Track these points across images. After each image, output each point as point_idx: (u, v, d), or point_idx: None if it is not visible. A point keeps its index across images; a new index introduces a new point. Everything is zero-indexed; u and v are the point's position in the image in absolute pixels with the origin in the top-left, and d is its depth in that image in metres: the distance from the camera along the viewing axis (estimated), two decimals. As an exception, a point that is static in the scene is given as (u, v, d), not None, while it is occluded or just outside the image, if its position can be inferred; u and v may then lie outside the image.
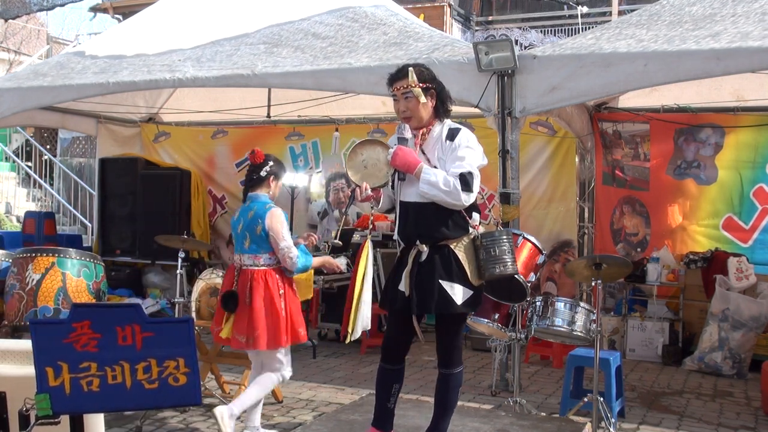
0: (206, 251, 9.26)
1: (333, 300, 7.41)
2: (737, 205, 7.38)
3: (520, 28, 14.42)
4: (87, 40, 11.61)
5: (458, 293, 3.56)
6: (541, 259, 4.30)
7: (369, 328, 3.67)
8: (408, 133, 3.65)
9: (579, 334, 4.54)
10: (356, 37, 6.31)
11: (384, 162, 3.62)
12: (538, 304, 4.62)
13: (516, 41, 12.95)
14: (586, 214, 8.11)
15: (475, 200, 3.62)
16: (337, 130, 8.64)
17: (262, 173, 4.39)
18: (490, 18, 14.91)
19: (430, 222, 3.57)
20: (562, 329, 4.54)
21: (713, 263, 7.09)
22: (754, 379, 6.25)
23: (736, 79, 6.73)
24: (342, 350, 7.24)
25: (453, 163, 3.53)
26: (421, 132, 3.65)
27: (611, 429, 4.45)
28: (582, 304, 4.62)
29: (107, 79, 6.63)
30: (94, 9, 16.02)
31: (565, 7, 13.84)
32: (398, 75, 3.62)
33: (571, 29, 13.24)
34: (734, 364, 6.52)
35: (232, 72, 6.19)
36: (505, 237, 3.61)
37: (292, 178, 8.84)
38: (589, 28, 9.11)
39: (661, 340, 7.03)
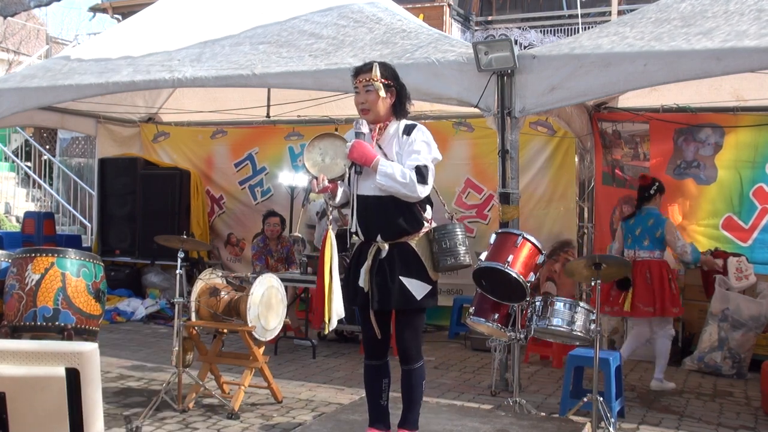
0: (205, 251, 9.26)
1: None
2: (737, 205, 7.37)
3: (519, 28, 14.44)
4: (86, 40, 11.59)
5: (417, 288, 3.62)
6: (540, 259, 4.30)
7: (343, 315, 3.73)
8: (365, 128, 3.69)
9: (578, 334, 4.54)
10: (342, 34, 6.31)
11: (341, 155, 3.66)
12: (537, 304, 4.61)
13: (516, 41, 12.95)
14: (586, 214, 8.10)
15: (429, 194, 3.68)
16: (336, 130, 8.59)
17: (651, 191, 6.02)
18: (490, 18, 14.93)
19: (389, 216, 3.62)
20: (561, 329, 4.53)
21: (713, 263, 7.08)
22: (754, 379, 6.25)
23: (736, 79, 6.72)
24: (342, 350, 7.24)
25: (409, 156, 3.60)
26: (378, 127, 3.71)
27: (611, 429, 4.45)
28: (582, 304, 4.61)
29: (106, 79, 6.62)
30: (94, 9, 16.05)
31: (565, 6, 13.85)
32: (363, 68, 3.70)
33: (571, 29, 13.26)
34: (734, 364, 6.52)
35: (231, 72, 6.19)
36: (458, 229, 3.67)
37: (291, 178, 8.84)
38: (588, 28, 9.11)
39: (660, 340, 7.02)
